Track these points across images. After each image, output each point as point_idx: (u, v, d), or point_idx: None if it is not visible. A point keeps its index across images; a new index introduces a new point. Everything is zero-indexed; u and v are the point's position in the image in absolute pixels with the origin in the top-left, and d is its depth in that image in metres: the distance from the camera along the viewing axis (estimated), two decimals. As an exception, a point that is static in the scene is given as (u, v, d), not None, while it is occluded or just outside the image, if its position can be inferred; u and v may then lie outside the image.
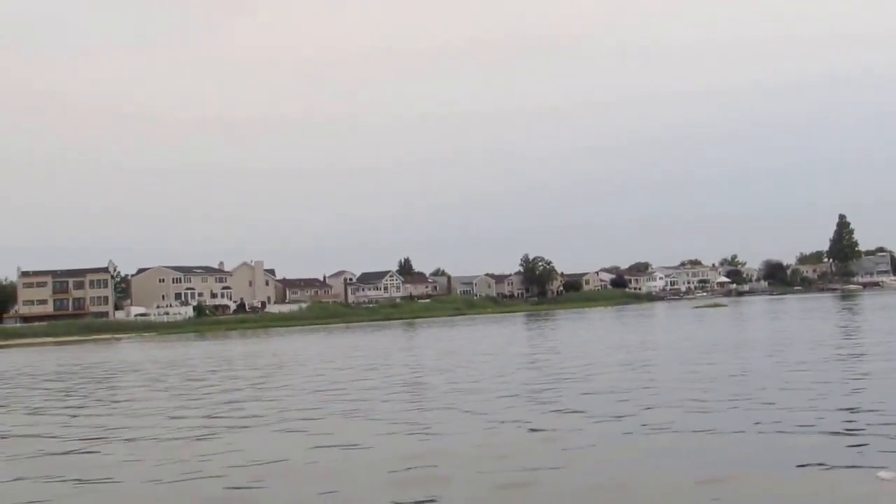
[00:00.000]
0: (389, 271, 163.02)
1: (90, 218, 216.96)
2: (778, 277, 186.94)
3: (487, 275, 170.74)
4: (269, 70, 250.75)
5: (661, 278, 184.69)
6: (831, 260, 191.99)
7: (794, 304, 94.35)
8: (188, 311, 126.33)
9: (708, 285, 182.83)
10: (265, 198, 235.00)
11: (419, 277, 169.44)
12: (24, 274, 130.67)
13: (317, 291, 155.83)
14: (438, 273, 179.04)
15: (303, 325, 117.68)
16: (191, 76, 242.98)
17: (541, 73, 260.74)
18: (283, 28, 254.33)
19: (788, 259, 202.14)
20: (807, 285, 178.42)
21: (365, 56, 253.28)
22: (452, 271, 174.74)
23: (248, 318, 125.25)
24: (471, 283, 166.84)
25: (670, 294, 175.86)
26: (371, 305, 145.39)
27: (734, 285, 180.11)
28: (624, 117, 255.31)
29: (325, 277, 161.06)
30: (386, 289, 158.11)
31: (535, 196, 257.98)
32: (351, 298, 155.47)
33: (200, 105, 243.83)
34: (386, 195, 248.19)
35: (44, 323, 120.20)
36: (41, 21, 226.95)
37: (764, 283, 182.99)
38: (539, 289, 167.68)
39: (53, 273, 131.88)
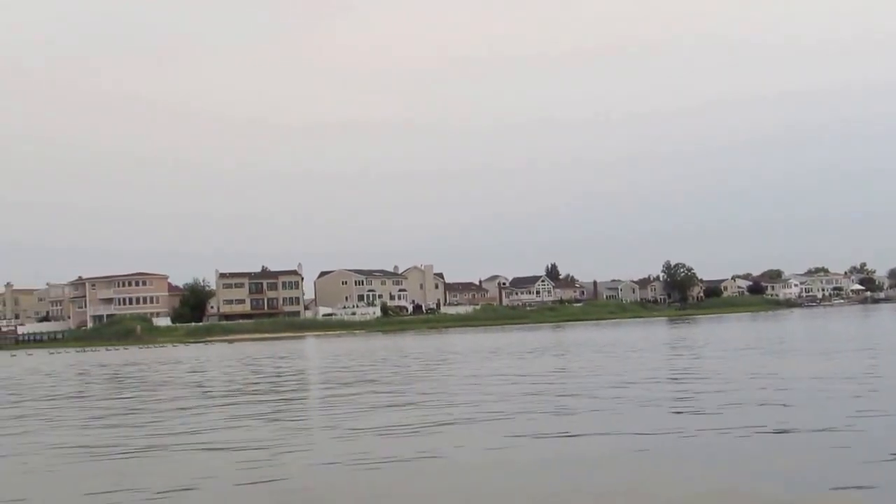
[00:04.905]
0: (540, 276, 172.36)
1: (264, 225, 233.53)
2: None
3: (632, 280, 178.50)
4: (400, 72, 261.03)
5: (795, 285, 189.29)
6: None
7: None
8: (375, 312, 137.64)
9: (843, 293, 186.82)
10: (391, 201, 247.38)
11: (568, 282, 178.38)
12: (223, 276, 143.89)
13: (474, 295, 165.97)
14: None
15: (476, 325, 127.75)
16: (317, 81, 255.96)
17: (660, 76, 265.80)
18: (418, 29, 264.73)
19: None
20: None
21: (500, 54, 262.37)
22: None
23: (432, 319, 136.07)
24: (616, 288, 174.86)
25: (807, 301, 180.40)
26: (529, 308, 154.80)
27: (868, 293, 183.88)
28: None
29: (480, 281, 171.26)
30: (538, 293, 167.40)
31: (655, 201, 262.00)
32: (504, 301, 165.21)
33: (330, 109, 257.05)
34: (515, 198, 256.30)
35: (250, 321, 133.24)
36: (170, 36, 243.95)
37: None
38: (680, 294, 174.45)
39: (249, 275, 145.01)
